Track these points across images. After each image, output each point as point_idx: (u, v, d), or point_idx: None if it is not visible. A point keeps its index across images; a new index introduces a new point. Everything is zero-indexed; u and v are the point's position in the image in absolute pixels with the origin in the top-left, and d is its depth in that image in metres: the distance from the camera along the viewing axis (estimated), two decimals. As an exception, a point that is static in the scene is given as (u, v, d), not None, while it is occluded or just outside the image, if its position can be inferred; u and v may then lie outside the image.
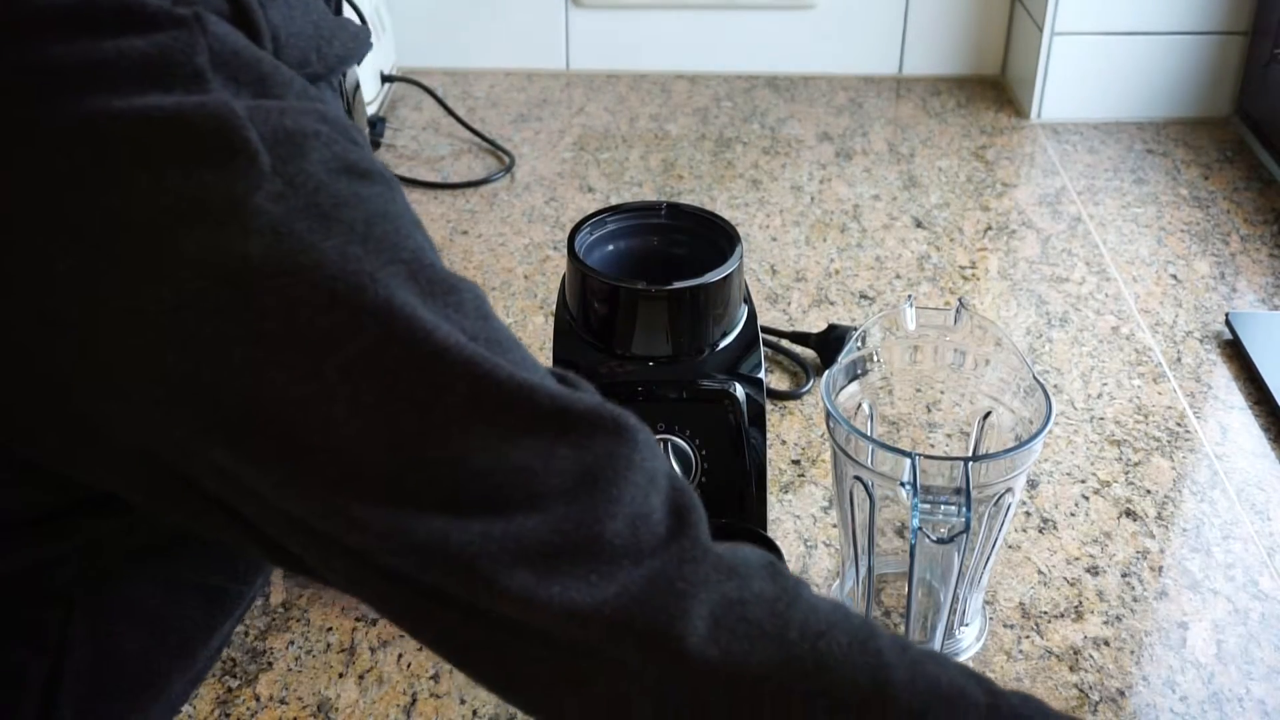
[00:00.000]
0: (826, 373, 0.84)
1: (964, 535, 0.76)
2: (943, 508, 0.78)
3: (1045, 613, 0.90)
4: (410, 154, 1.52)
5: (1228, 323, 1.20)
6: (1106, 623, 0.89)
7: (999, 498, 0.80)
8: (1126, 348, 1.18)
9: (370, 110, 1.56)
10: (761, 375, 0.86)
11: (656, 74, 1.72)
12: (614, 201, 1.34)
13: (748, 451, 0.86)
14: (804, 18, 1.68)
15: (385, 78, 1.61)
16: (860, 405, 0.87)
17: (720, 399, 0.85)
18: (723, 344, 0.87)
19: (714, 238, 0.89)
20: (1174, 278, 1.29)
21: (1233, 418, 1.10)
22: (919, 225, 1.38)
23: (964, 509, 0.75)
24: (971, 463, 0.76)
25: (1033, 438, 0.78)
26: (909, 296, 0.94)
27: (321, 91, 0.61)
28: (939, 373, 0.88)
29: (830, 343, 1.14)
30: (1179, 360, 1.16)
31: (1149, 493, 1.01)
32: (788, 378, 1.15)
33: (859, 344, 0.87)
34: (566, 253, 0.88)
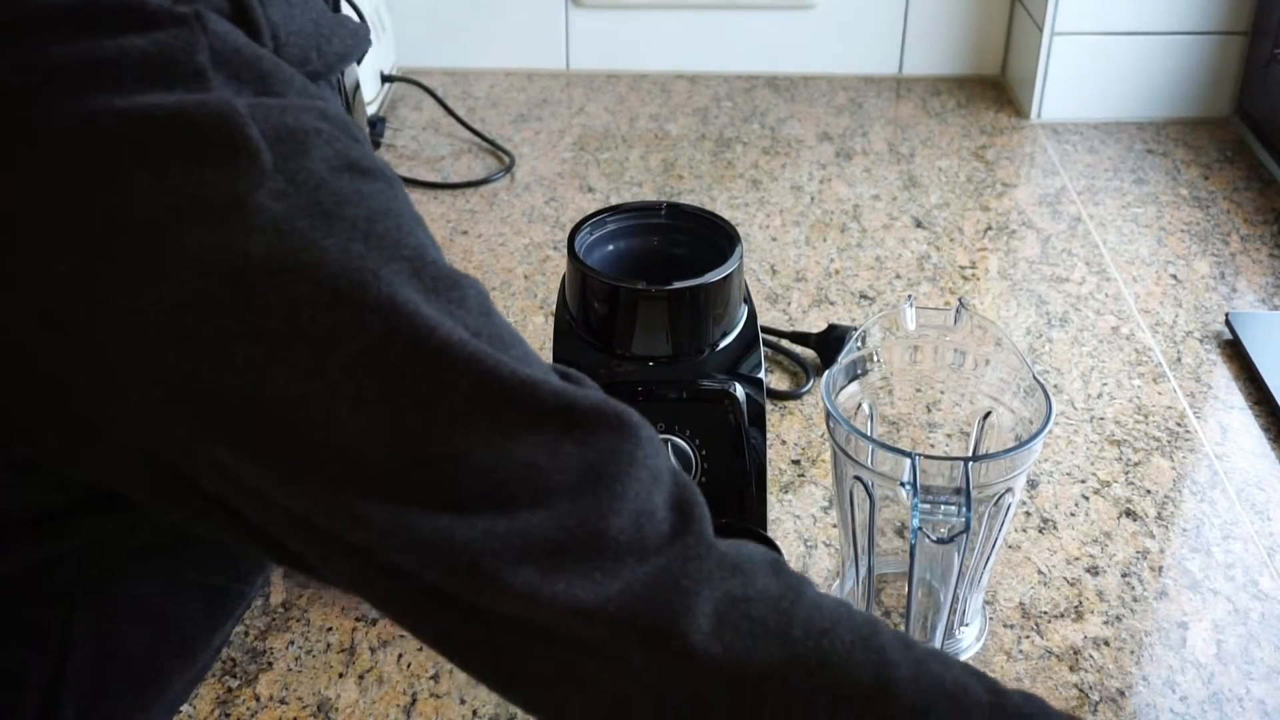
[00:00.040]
0: (826, 373, 0.84)
1: (964, 535, 0.76)
2: (943, 508, 0.78)
3: (1045, 613, 0.90)
4: (410, 154, 1.52)
5: (1228, 323, 1.20)
6: (1106, 623, 0.89)
7: (999, 498, 0.80)
8: (1126, 348, 1.18)
9: (370, 110, 1.56)
10: (761, 375, 0.86)
11: (656, 74, 1.72)
12: (614, 201, 1.34)
13: (748, 451, 0.86)
14: (804, 18, 1.68)
15: (385, 78, 1.61)
16: (860, 405, 0.87)
17: (720, 399, 0.85)
18: (723, 344, 0.87)
19: (714, 238, 0.89)
20: (1174, 278, 1.29)
21: (1233, 418, 1.10)
22: (919, 225, 1.38)
23: (964, 509, 0.75)
24: (971, 463, 0.76)
25: (1033, 438, 0.78)
26: (909, 296, 0.94)
27: (321, 89, 0.61)
28: (939, 373, 0.88)
29: (830, 343, 1.14)
30: (1179, 360, 1.16)
31: (1149, 493, 1.01)
32: (788, 378, 1.15)
33: (859, 344, 0.87)
34: (566, 253, 0.88)
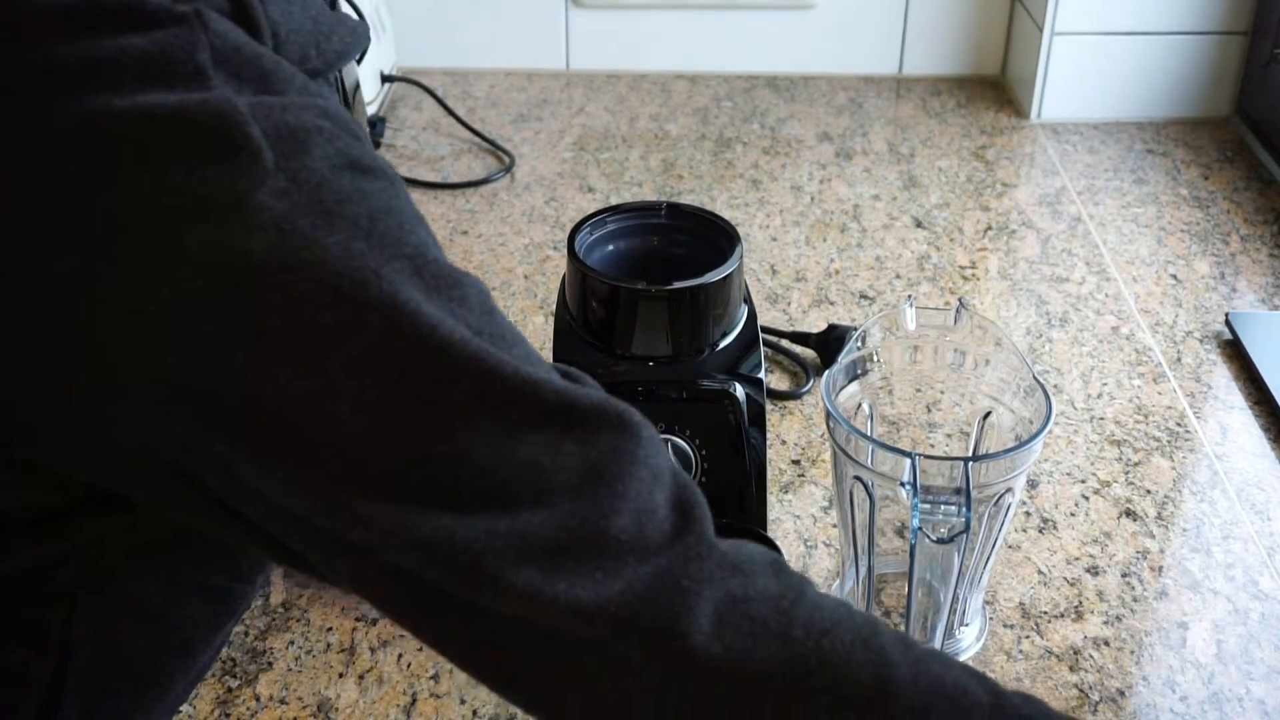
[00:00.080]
0: (826, 373, 0.84)
1: (964, 535, 0.76)
2: (943, 508, 0.78)
3: (1045, 613, 0.90)
4: (410, 154, 1.52)
5: (1228, 323, 1.20)
6: (1106, 623, 0.89)
7: (999, 498, 0.80)
8: (1126, 348, 1.18)
9: (370, 110, 1.56)
10: (761, 375, 0.86)
11: (656, 74, 1.72)
12: (614, 201, 1.34)
13: (748, 451, 0.86)
14: (804, 18, 1.68)
15: (385, 78, 1.61)
16: (860, 405, 0.87)
17: (720, 399, 0.85)
18: (723, 344, 0.87)
19: (714, 238, 0.89)
20: (1174, 278, 1.29)
21: (1233, 418, 1.10)
22: (919, 225, 1.38)
23: (964, 509, 0.75)
24: (971, 463, 0.76)
25: (1033, 438, 0.78)
26: (909, 296, 0.94)
27: (320, 87, 0.61)
28: (939, 373, 0.88)
29: (830, 343, 1.14)
30: (1179, 360, 1.16)
31: (1149, 493, 1.01)
32: (788, 378, 1.15)
33: (859, 344, 0.87)
34: (566, 253, 0.88)
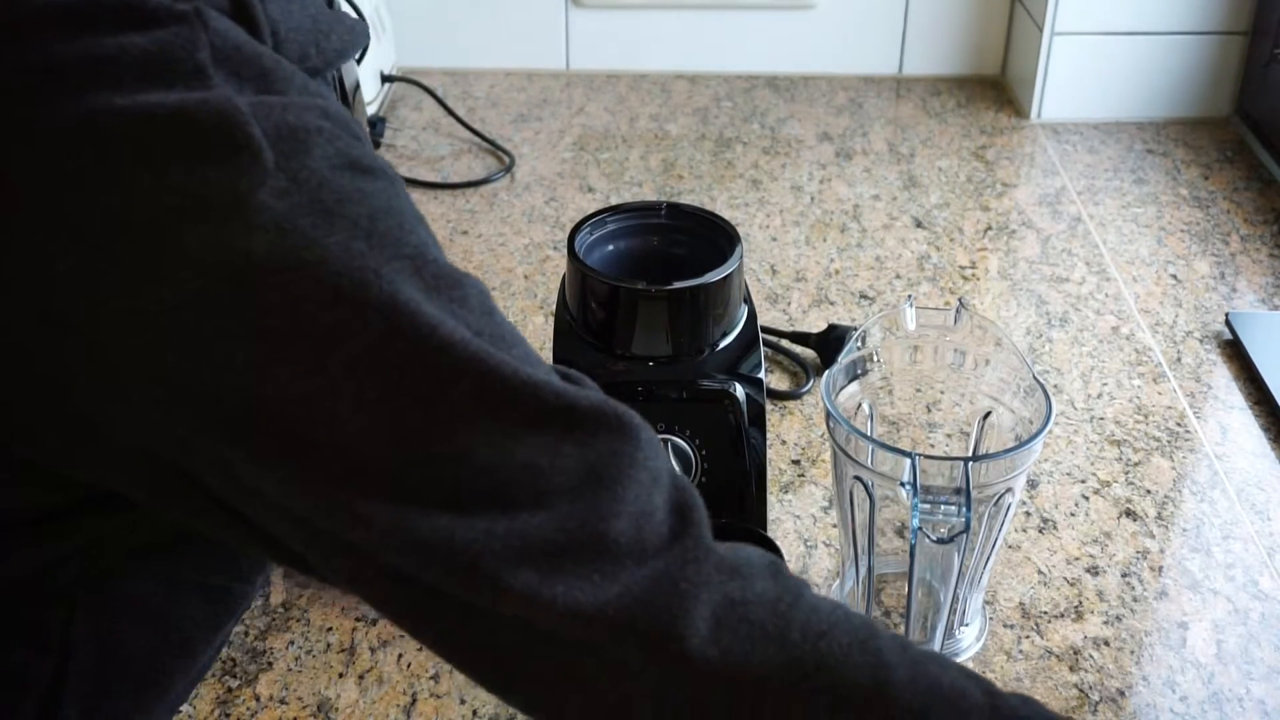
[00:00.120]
0: (826, 373, 0.84)
1: (964, 535, 0.76)
2: (943, 508, 0.78)
3: (1045, 613, 0.90)
4: (410, 154, 1.52)
5: (1228, 323, 1.20)
6: (1106, 623, 0.89)
7: (999, 498, 0.80)
8: (1126, 348, 1.18)
9: (370, 110, 1.56)
10: (761, 375, 0.86)
11: (656, 74, 1.72)
12: (614, 201, 1.34)
13: (748, 451, 0.86)
14: (804, 18, 1.68)
15: (385, 78, 1.61)
16: (860, 405, 0.87)
17: (720, 399, 0.85)
18: (723, 344, 0.87)
19: (714, 238, 0.89)
20: (1174, 278, 1.29)
21: (1233, 418, 1.10)
22: (919, 225, 1.38)
23: (964, 509, 0.75)
24: (971, 463, 0.76)
25: (1033, 438, 0.78)
26: (909, 296, 0.94)
27: (320, 86, 0.61)
28: (939, 373, 0.88)
29: (830, 343, 1.14)
30: (1179, 360, 1.16)
31: (1149, 493, 1.01)
32: (788, 378, 1.15)
33: (859, 344, 0.87)
34: (566, 253, 0.88)
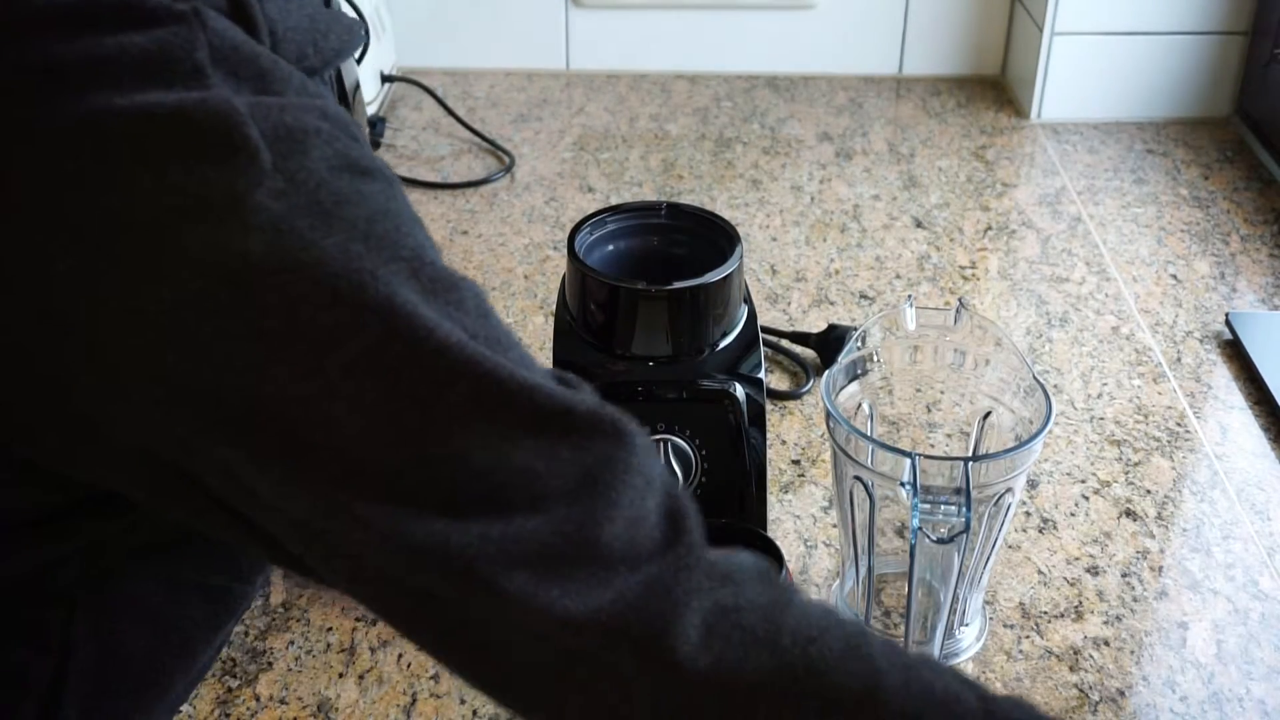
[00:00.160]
0: (826, 373, 0.84)
1: (964, 535, 0.76)
2: (943, 508, 0.78)
3: (1045, 613, 0.90)
4: (410, 154, 1.52)
5: (1228, 323, 1.20)
6: (1106, 623, 0.89)
7: (999, 498, 0.80)
8: (1126, 348, 1.18)
9: (370, 110, 1.56)
10: (761, 375, 0.86)
11: (656, 74, 1.72)
12: (614, 201, 1.34)
13: (748, 451, 0.86)
14: (804, 18, 1.68)
15: (385, 78, 1.61)
16: (860, 405, 0.87)
17: (720, 399, 0.85)
18: (723, 344, 0.87)
19: (714, 238, 0.89)
20: (1174, 278, 1.29)
21: (1233, 418, 1.09)
22: (919, 225, 1.38)
23: (964, 509, 0.75)
24: (971, 463, 0.76)
25: (1033, 438, 0.78)
26: (909, 296, 0.94)
27: (318, 85, 0.61)
28: (939, 373, 0.88)
29: (830, 343, 1.14)
30: (1179, 360, 1.16)
31: (1149, 493, 1.01)
32: (788, 378, 1.15)
33: (859, 344, 0.87)
34: (566, 253, 0.88)
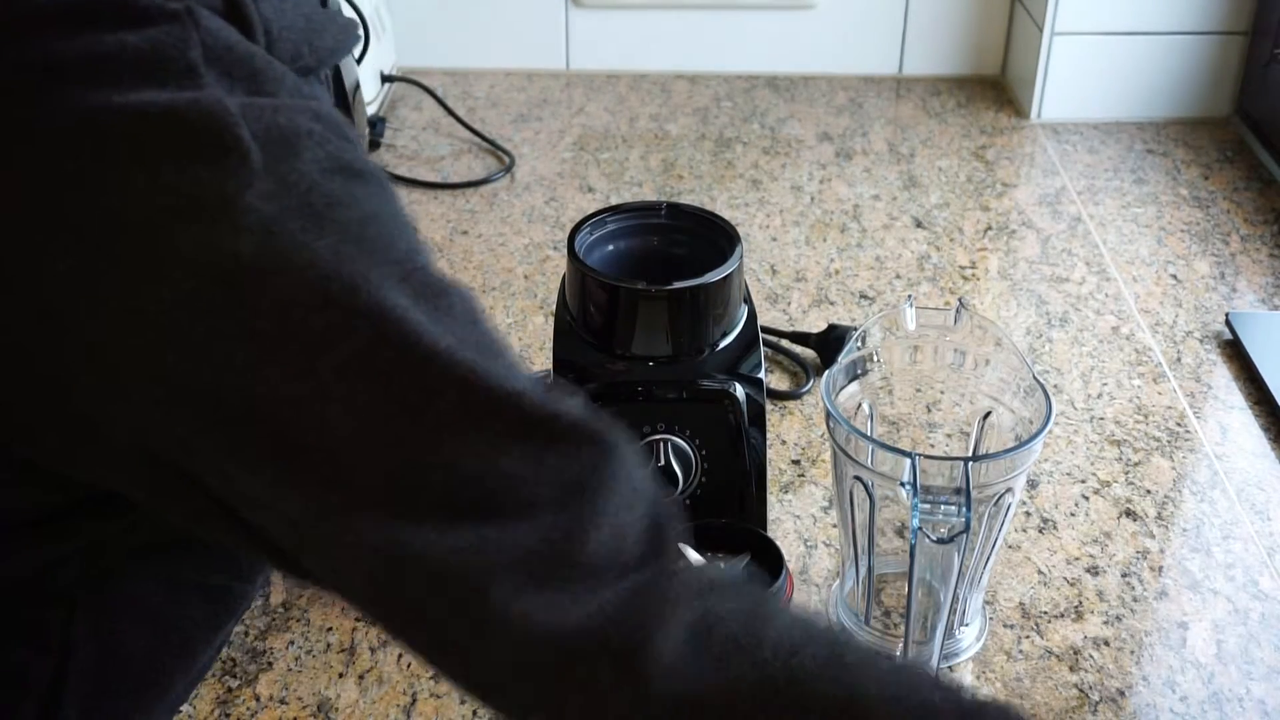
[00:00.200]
0: (826, 373, 0.84)
1: (964, 535, 0.76)
2: (943, 508, 0.78)
3: (1045, 613, 0.90)
4: (410, 154, 1.51)
5: (1228, 323, 1.20)
6: (1106, 623, 0.89)
7: (999, 498, 0.80)
8: (1126, 348, 1.18)
9: (370, 110, 1.56)
10: (761, 375, 0.86)
11: (656, 74, 1.72)
12: (614, 201, 1.34)
13: (748, 451, 0.86)
14: (804, 18, 1.68)
15: (385, 78, 1.61)
16: (860, 405, 0.87)
17: (720, 399, 0.85)
18: (723, 344, 0.87)
19: (714, 238, 0.89)
20: (1174, 278, 1.29)
21: (1233, 418, 1.09)
22: (919, 225, 1.37)
23: (964, 509, 0.75)
24: (971, 463, 0.76)
25: (1033, 438, 0.78)
26: (909, 296, 0.94)
27: (312, 85, 0.61)
28: (939, 373, 0.88)
29: (830, 343, 1.14)
30: (1179, 360, 1.16)
31: (1149, 493, 1.01)
32: (788, 378, 1.15)
33: (859, 344, 0.86)
34: (566, 253, 0.88)
